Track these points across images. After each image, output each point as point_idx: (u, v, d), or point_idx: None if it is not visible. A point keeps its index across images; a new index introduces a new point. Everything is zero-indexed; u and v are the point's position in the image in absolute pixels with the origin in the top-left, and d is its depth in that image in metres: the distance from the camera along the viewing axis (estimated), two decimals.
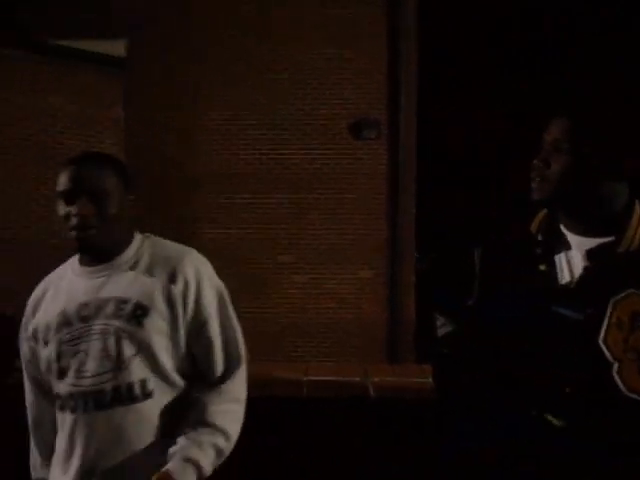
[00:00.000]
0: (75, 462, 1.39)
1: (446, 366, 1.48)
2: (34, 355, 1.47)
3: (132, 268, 1.45)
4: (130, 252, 1.48)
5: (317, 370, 2.21)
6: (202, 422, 1.40)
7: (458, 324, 1.48)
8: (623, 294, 1.19)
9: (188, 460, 1.35)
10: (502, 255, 1.42)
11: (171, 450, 1.37)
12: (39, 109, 6.21)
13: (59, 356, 1.39)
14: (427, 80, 6.45)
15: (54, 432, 1.46)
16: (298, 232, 6.68)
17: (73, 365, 1.38)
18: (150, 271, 1.44)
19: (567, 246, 1.29)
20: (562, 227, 1.33)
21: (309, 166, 6.72)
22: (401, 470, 1.88)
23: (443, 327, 1.49)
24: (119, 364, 1.37)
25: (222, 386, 1.44)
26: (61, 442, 1.42)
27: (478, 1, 6.65)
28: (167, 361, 1.41)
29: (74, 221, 1.38)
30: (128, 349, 1.37)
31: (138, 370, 1.38)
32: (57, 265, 1.56)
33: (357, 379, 2.10)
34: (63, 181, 1.40)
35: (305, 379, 2.11)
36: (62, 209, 1.41)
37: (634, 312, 1.18)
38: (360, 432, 1.90)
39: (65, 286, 1.47)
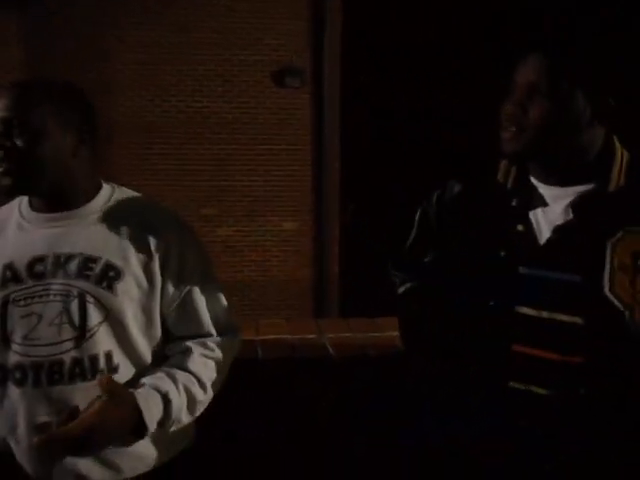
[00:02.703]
0: (14, 447, 1.18)
1: (417, 328, 1.40)
2: None
3: (101, 221, 1.23)
4: (98, 202, 1.26)
5: (268, 329, 2.14)
6: (181, 367, 1.23)
7: (418, 281, 1.37)
8: (618, 235, 1.10)
9: (157, 390, 1.17)
10: (468, 210, 1.28)
11: (142, 380, 1.20)
12: None
13: (3, 318, 1.16)
14: (352, 27, 6.31)
15: None
16: (220, 184, 6.48)
17: (22, 329, 1.16)
18: (123, 228, 1.23)
19: (542, 201, 1.18)
20: (532, 179, 1.21)
21: (230, 115, 6.47)
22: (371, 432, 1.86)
23: (403, 284, 1.40)
24: (82, 333, 1.16)
25: (208, 342, 1.28)
26: None
27: None
28: (137, 333, 1.22)
29: None
30: (94, 316, 1.17)
31: (104, 340, 1.18)
32: None
33: (313, 336, 2.05)
34: None
35: (258, 339, 2.03)
36: None
37: (634, 252, 1.09)
38: (325, 390, 1.86)
39: (11, 233, 1.23)
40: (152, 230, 1.25)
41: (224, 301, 1.34)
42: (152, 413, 1.15)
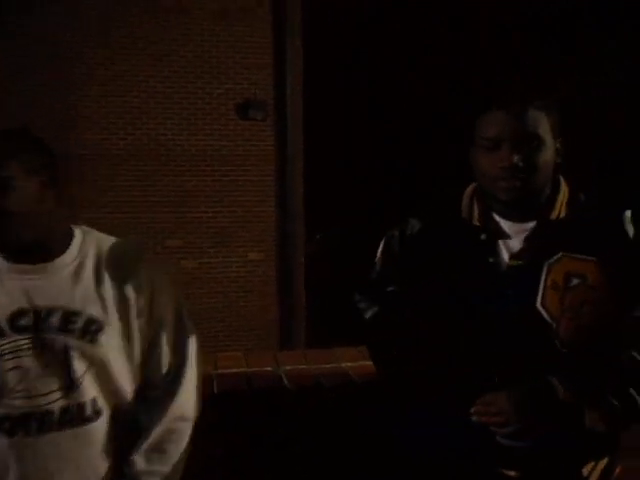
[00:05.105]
0: None
1: (387, 348, 1.45)
2: None
3: (77, 271, 1.26)
4: (73, 251, 1.28)
5: (226, 362, 2.16)
6: (151, 448, 1.28)
7: (382, 307, 1.45)
8: (555, 257, 1.24)
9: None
10: (436, 245, 1.37)
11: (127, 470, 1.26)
12: None
13: None
14: (313, 62, 6.45)
15: None
16: (184, 216, 6.48)
17: (9, 383, 1.18)
18: (99, 276, 1.26)
19: (505, 235, 1.30)
20: (495, 215, 1.33)
21: (194, 147, 6.51)
22: (326, 462, 1.88)
23: (370, 309, 1.46)
24: (69, 383, 1.21)
25: (167, 403, 1.31)
26: None
27: None
28: (120, 376, 1.27)
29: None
30: (78, 367, 1.21)
31: (90, 388, 1.23)
32: None
33: (269, 368, 2.07)
34: None
35: (215, 372, 2.04)
36: None
37: (567, 273, 1.23)
38: (280, 424, 1.88)
39: None
40: (126, 278, 1.28)
41: (190, 346, 1.36)
42: None
